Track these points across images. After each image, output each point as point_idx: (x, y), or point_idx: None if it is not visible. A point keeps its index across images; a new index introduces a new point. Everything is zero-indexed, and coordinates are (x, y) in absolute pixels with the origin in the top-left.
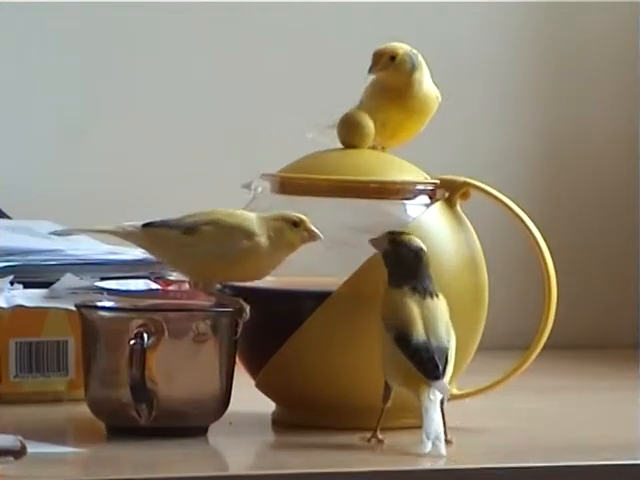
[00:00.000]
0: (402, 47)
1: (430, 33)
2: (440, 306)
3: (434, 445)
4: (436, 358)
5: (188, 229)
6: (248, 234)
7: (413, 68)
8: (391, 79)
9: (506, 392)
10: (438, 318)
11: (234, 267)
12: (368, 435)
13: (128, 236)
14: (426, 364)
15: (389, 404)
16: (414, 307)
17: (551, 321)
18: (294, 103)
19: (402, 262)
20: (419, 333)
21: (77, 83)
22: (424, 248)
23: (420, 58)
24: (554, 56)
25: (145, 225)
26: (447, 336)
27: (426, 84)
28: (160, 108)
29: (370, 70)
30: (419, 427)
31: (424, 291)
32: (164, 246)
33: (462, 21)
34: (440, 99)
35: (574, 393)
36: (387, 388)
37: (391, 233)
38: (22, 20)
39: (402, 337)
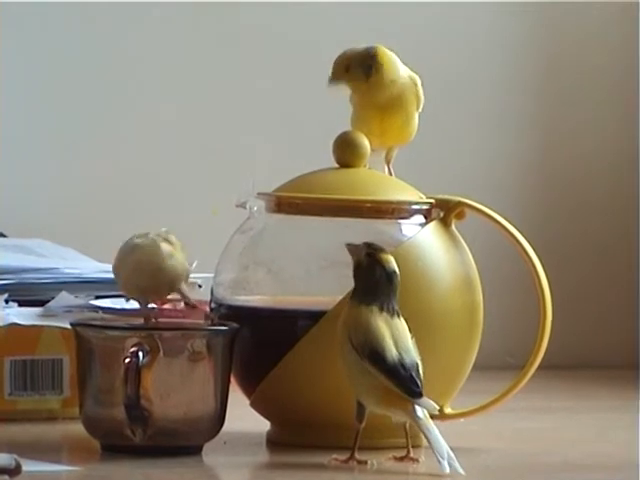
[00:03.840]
0: (354, 55)
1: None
2: (405, 326)
3: (450, 465)
4: (413, 375)
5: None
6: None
7: (369, 72)
8: (352, 86)
9: (503, 412)
10: (407, 337)
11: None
12: (342, 457)
13: None
14: (406, 382)
15: (364, 424)
16: (384, 325)
17: (546, 341)
18: (290, 120)
19: (375, 280)
20: (392, 351)
21: (71, 102)
22: (397, 271)
23: (379, 57)
24: (551, 63)
25: None
26: (416, 353)
27: (393, 75)
28: (154, 125)
29: (329, 81)
30: (397, 447)
31: (392, 311)
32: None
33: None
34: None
35: (571, 414)
36: (360, 407)
37: (369, 246)
38: (19, 27)
39: (376, 355)
